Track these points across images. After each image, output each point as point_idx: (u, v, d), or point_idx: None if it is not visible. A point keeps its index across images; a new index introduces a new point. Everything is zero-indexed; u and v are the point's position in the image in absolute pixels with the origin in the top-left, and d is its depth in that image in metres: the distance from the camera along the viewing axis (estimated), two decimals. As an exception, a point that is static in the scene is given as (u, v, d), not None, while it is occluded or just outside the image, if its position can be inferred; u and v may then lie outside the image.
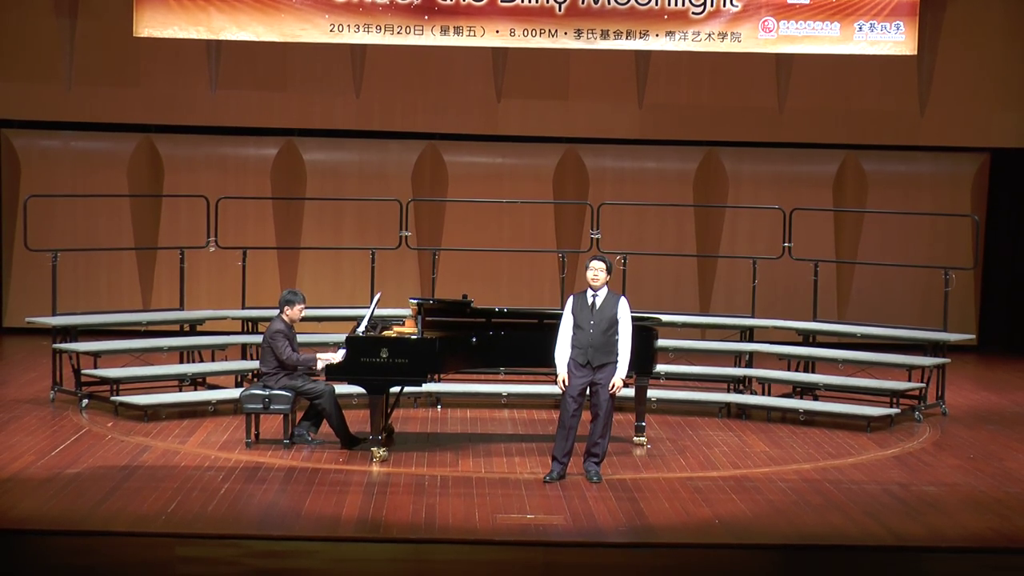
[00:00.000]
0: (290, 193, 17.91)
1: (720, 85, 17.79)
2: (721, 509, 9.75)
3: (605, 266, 10.49)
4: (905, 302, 17.82)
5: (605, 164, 18.30)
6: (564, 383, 10.41)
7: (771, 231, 16.54)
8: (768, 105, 17.89)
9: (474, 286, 15.85)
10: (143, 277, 17.90)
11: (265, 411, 11.51)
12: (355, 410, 12.77)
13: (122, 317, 14.34)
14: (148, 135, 17.95)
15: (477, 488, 10.23)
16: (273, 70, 17.62)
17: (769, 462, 11.38)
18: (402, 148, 18.20)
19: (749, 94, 17.83)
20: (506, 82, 17.86)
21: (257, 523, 9.24)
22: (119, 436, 11.79)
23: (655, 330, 12.06)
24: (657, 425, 12.82)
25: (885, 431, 12.80)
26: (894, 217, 17.73)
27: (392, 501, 9.77)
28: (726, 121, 17.89)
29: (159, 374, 13.36)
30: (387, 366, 10.97)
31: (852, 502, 10.02)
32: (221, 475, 10.44)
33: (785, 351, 14.06)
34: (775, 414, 13.34)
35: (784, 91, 17.85)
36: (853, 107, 17.85)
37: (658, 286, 17.84)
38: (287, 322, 11.63)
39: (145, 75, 17.50)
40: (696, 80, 17.86)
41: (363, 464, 10.95)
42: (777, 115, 17.93)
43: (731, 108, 17.85)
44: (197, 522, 9.13)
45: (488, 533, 9.07)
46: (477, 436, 12.27)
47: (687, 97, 17.89)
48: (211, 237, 14.52)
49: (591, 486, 10.33)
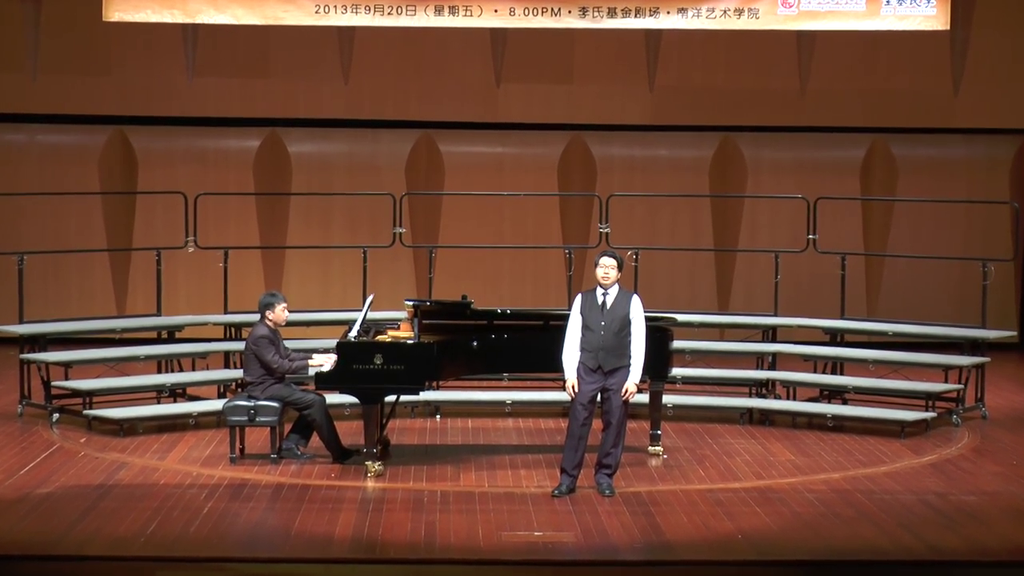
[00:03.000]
0: (274, 188, 17.91)
1: (737, 66, 17.78)
2: (744, 523, 9.74)
3: (616, 262, 10.48)
4: (940, 297, 17.81)
5: (613, 152, 18.29)
6: (573, 389, 10.41)
7: (794, 222, 16.53)
8: (789, 87, 17.88)
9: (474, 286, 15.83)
10: (117, 281, 17.90)
11: (250, 423, 11.51)
12: (347, 421, 12.76)
13: (95, 324, 14.34)
14: (120, 127, 17.95)
15: (480, 504, 10.23)
16: (254, 56, 17.62)
17: (795, 472, 11.38)
18: (395, 138, 18.19)
19: (768, 75, 17.82)
20: (506, 66, 17.85)
21: (243, 544, 9.24)
22: (93, 452, 11.78)
23: (670, 331, 12.05)
24: (674, 433, 12.82)
25: (920, 437, 12.79)
26: (927, 205, 17.72)
27: (388, 519, 9.77)
28: (744, 104, 17.88)
29: (135, 385, 13.36)
30: (381, 373, 10.96)
31: (885, 514, 10.01)
32: (204, 493, 10.43)
33: (811, 351, 14.05)
34: (801, 420, 13.34)
35: (806, 71, 17.84)
36: (881, 87, 17.84)
37: (672, 283, 17.84)
38: (271, 326, 11.63)
39: (116, 63, 17.49)
40: (711, 61, 17.85)
41: (357, 479, 10.94)
42: (799, 97, 17.92)
43: (749, 90, 17.84)
44: (178, 544, 9.12)
45: (492, 552, 9.06)
46: (479, 448, 12.27)
47: (701, 79, 17.88)
48: (190, 237, 14.51)
49: (603, 500, 10.33)
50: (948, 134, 18.31)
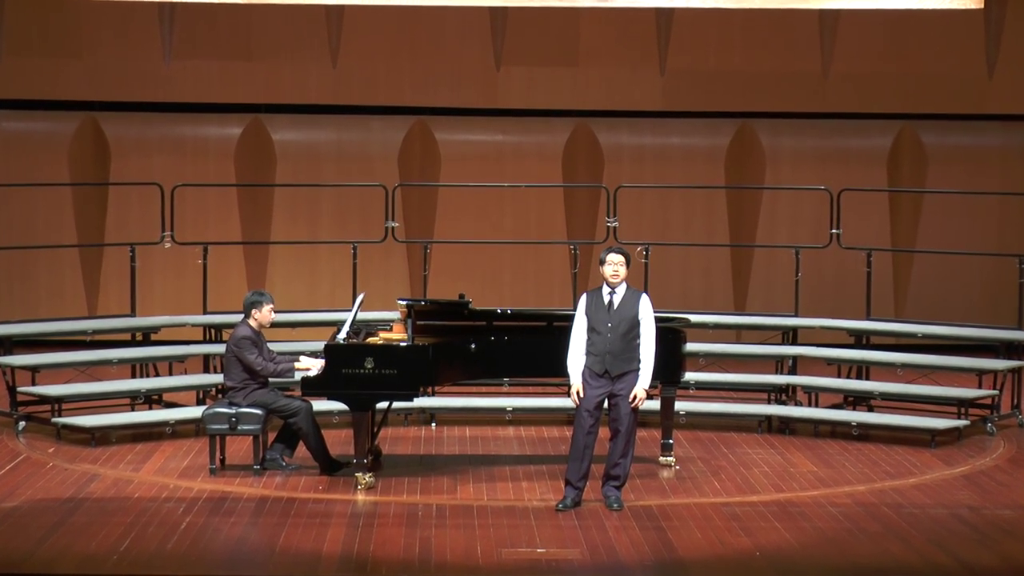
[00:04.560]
0: (257, 179, 17.91)
1: (755, 47, 17.77)
2: (762, 539, 9.75)
3: (624, 259, 10.48)
4: (973, 296, 17.80)
5: (622, 141, 18.29)
6: (578, 396, 10.41)
7: (816, 216, 16.52)
8: (811, 70, 17.87)
9: (472, 284, 15.83)
10: (88, 279, 17.89)
11: (232, 432, 11.51)
12: (336, 430, 12.77)
13: (64, 325, 14.33)
14: (92, 114, 17.94)
15: (479, 518, 10.23)
16: (236, 37, 17.61)
17: (818, 484, 11.38)
18: (387, 125, 18.18)
19: (788, 57, 17.81)
20: (506, 47, 17.85)
21: (224, 562, 9.24)
22: (62, 463, 11.78)
23: (683, 332, 12.06)
24: (687, 443, 12.83)
25: (952, 446, 12.79)
26: (959, 198, 17.70)
27: (380, 535, 9.77)
28: (762, 89, 17.87)
29: (108, 391, 13.36)
30: (373, 378, 10.97)
31: (915, 529, 10.02)
32: (182, 507, 10.43)
33: (834, 355, 14.06)
34: (824, 428, 13.34)
35: (829, 53, 17.83)
36: (909, 71, 17.83)
37: (685, 281, 17.83)
38: (254, 327, 11.64)
39: (88, 44, 17.48)
40: (727, 42, 17.84)
41: (346, 492, 10.94)
42: (821, 81, 17.91)
43: (768, 74, 17.83)
44: (154, 562, 9.12)
45: (492, 570, 9.06)
46: (478, 458, 12.28)
47: (716, 62, 17.87)
48: (166, 231, 14.51)
49: (611, 514, 10.33)
50: (982, 121, 18.28)
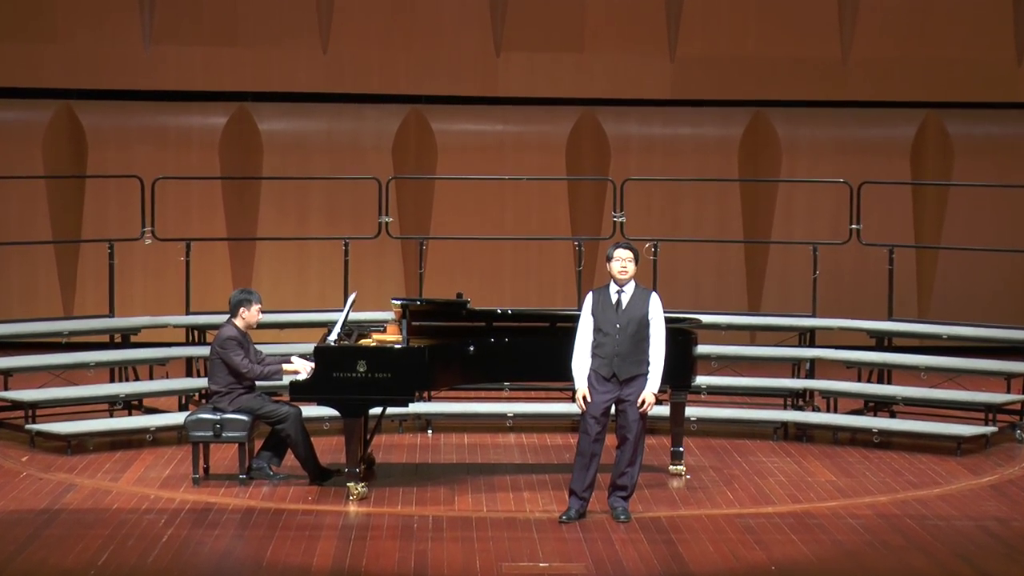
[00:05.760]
0: (243, 171, 17.90)
1: (770, 31, 17.77)
2: (778, 553, 9.75)
3: (632, 255, 10.48)
4: (1001, 295, 17.80)
5: (630, 131, 18.29)
6: (584, 401, 10.41)
7: (835, 210, 16.52)
8: (829, 55, 17.87)
9: (471, 283, 15.83)
10: (64, 277, 17.89)
11: (216, 440, 11.50)
12: (327, 437, 12.77)
13: (38, 327, 14.32)
14: (68, 102, 17.94)
15: (478, 531, 10.24)
16: (221, 20, 17.60)
17: (836, 494, 11.39)
18: (380, 114, 18.19)
19: (806, 42, 17.81)
20: (507, 31, 17.84)
21: (208, 577, 9.25)
22: (37, 473, 11.77)
23: (694, 334, 12.06)
24: (698, 450, 12.83)
25: (979, 454, 12.79)
26: (986, 191, 17.70)
27: (373, 548, 9.77)
28: (778, 76, 17.87)
29: (85, 396, 13.36)
30: (365, 382, 10.97)
31: (939, 542, 10.02)
32: (163, 519, 10.43)
33: (854, 357, 14.05)
34: (843, 435, 13.35)
35: (849, 37, 17.83)
36: (934, 56, 17.83)
37: (697, 280, 17.83)
38: (240, 328, 11.64)
39: (64, 28, 17.47)
40: (740, 26, 17.84)
41: (337, 503, 10.94)
42: (840, 67, 17.91)
43: (784, 60, 17.83)
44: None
45: (492, 586, 9.07)
46: (477, 467, 12.28)
47: (729, 47, 17.87)
48: (147, 227, 14.50)
49: (618, 526, 10.33)
50: (1011, 109, 18.28)
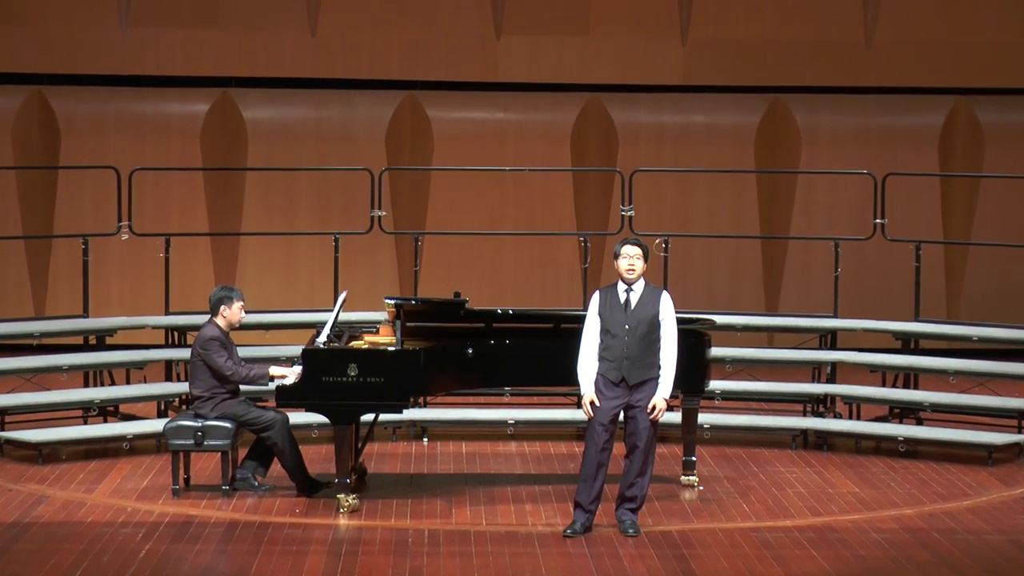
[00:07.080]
0: (227, 162, 17.91)
1: (788, 14, 17.77)
2: (797, 569, 9.74)
3: (641, 251, 10.47)
4: (1035, 295, 17.82)
5: (639, 119, 18.29)
6: (591, 407, 10.40)
7: (858, 203, 16.52)
8: (852, 39, 17.87)
9: (469, 281, 15.83)
10: (35, 274, 17.89)
11: (197, 448, 11.49)
12: (315, 445, 12.77)
13: (8, 327, 14.32)
14: (39, 88, 17.94)
15: (477, 546, 10.23)
16: (202, 1, 17.60)
17: (859, 507, 11.38)
18: (372, 101, 18.19)
19: (826, 25, 17.81)
20: (507, 14, 17.84)
21: (189, 595, 9.25)
22: (6, 483, 11.77)
23: (707, 335, 12.05)
24: (712, 460, 12.83)
25: (1011, 464, 12.79)
26: (1019, 183, 17.70)
27: (365, 563, 9.77)
28: (796, 60, 17.87)
29: (57, 401, 13.35)
30: (356, 387, 10.96)
31: (969, 557, 10.01)
32: (141, 533, 10.42)
33: (878, 361, 14.05)
34: (866, 444, 13.35)
35: (873, 20, 17.83)
36: (963, 40, 17.83)
37: (710, 278, 17.83)
38: (222, 328, 11.64)
39: (34, 10, 17.48)
40: (756, 8, 17.84)
41: (327, 516, 10.94)
42: (864, 52, 17.91)
43: (803, 43, 17.83)
44: (110, 595, 9.13)
45: (492, 604, 9.08)
46: (475, 478, 12.28)
47: (745, 30, 17.87)
48: (123, 221, 14.49)
49: (626, 541, 10.33)
50: (1045, 96, 18.33)
